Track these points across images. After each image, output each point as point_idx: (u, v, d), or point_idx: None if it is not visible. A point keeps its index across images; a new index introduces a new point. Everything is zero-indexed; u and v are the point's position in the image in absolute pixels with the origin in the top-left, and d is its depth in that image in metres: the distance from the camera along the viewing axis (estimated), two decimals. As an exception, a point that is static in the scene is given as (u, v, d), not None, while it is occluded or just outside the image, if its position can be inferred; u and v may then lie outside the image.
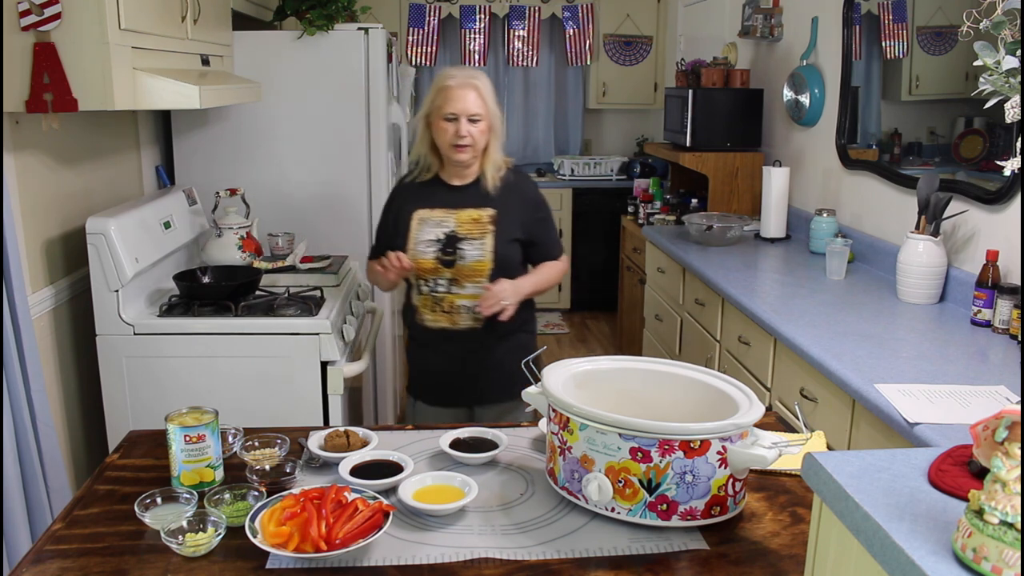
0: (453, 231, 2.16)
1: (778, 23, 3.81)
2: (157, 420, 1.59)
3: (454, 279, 2.17)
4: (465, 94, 2.11)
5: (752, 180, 3.85)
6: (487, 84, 2.17)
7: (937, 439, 1.58)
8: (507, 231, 2.19)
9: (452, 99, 2.11)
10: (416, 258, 2.16)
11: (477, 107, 2.12)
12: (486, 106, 2.14)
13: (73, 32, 2.05)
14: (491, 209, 2.19)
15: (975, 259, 2.43)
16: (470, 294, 2.16)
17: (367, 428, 1.65)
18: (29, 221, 2.32)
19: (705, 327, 3.08)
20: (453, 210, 2.19)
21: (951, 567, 0.78)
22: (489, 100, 2.15)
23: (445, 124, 2.13)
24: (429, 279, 2.19)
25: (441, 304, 2.19)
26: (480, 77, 2.17)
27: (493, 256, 2.16)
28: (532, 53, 5.81)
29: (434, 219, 2.19)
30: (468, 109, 2.11)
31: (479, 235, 2.16)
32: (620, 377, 1.54)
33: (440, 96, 2.14)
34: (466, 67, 2.25)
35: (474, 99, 2.12)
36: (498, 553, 1.26)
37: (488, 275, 2.16)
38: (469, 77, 2.15)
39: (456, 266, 2.15)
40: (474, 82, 2.13)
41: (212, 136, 3.30)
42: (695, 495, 1.29)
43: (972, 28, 1.99)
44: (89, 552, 1.28)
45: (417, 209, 2.21)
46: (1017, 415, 0.85)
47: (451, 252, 2.16)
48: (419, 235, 2.18)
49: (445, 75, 2.16)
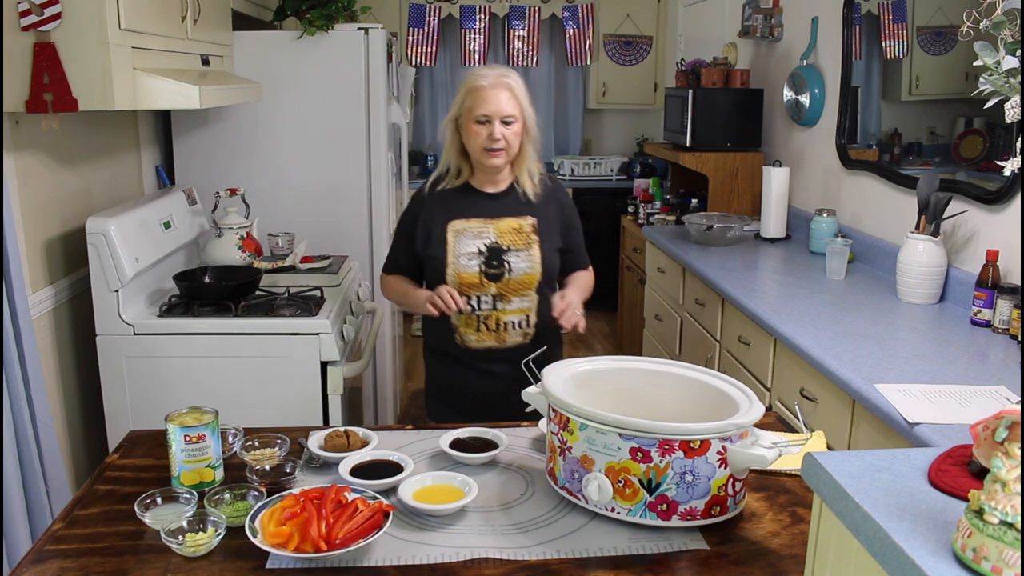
0: (495, 242, 2.03)
1: (778, 23, 3.81)
2: (157, 420, 1.59)
3: (500, 294, 2.03)
4: (498, 94, 1.97)
5: (752, 180, 3.85)
6: (520, 83, 2.04)
7: (937, 439, 1.58)
8: (550, 240, 2.08)
9: (484, 100, 1.97)
10: (458, 273, 2.02)
11: (511, 108, 1.98)
12: (520, 107, 2.01)
13: (73, 32, 2.05)
14: (531, 217, 2.07)
15: (975, 259, 2.43)
16: (517, 309, 2.04)
17: (367, 428, 1.65)
18: (29, 221, 2.32)
19: (705, 327, 3.08)
20: (491, 220, 2.05)
21: (951, 567, 0.78)
22: (523, 100, 2.02)
23: (477, 127, 1.99)
24: (472, 295, 2.03)
25: (487, 322, 2.04)
26: (513, 75, 2.03)
27: (542, 267, 2.04)
28: (532, 53, 5.81)
29: (472, 230, 2.04)
30: (501, 110, 1.97)
31: (524, 245, 2.04)
32: (620, 377, 1.54)
33: (471, 97, 2.00)
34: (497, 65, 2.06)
35: (508, 99, 1.98)
36: (498, 553, 1.26)
37: (536, 287, 2.05)
38: (502, 76, 2.01)
39: (503, 280, 2.02)
40: (507, 81, 2.00)
41: (212, 136, 3.30)
42: (695, 495, 1.29)
43: (972, 28, 1.99)
44: (89, 552, 1.28)
45: (451, 220, 2.05)
46: (1017, 415, 0.85)
47: (497, 265, 2.02)
48: (458, 247, 2.03)
49: (476, 74, 2.02)
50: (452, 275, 2.02)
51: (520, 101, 2.00)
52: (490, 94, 1.98)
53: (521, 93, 2.01)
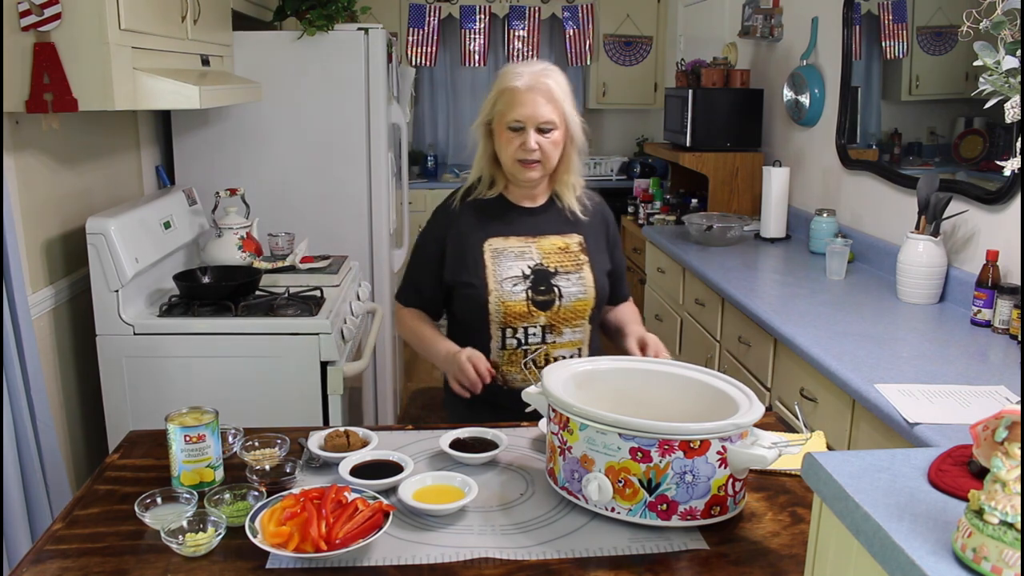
0: (540, 264, 1.77)
1: (778, 23, 3.81)
2: (157, 420, 1.59)
3: (551, 325, 1.76)
4: (534, 97, 1.71)
5: (752, 180, 3.85)
6: (563, 81, 1.76)
7: (937, 439, 1.58)
8: (600, 261, 1.84)
9: (518, 103, 1.71)
10: (503, 301, 1.75)
11: (549, 113, 1.71)
12: (562, 111, 1.73)
13: (73, 32, 2.05)
14: (577, 235, 1.83)
15: (975, 259, 2.43)
16: (568, 341, 1.78)
17: (367, 428, 1.65)
18: (29, 221, 2.32)
19: (705, 327, 3.08)
20: (532, 238, 1.80)
21: (951, 567, 0.78)
22: (565, 103, 1.74)
23: (509, 134, 1.73)
24: (519, 327, 1.76)
25: (535, 358, 1.76)
26: (553, 74, 1.75)
27: (595, 292, 1.79)
28: (532, 53, 5.81)
29: (511, 250, 1.78)
30: (537, 116, 1.71)
31: (573, 267, 1.79)
32: (620, 377, 1.54)
33: (503, 99, 1.74)
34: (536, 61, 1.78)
35: (545, 103, 1.71)
36: (498, 553, 1.26)
37: (589, 316, 1.80)
38: (540, 75, 1.73)
39: (554, 308, 1.76)
40: (546, 81, 1.72)
41: (212, 136, 3.30)
42: (695, 495, 1.29)
43: (972, 28, 1.99)
44: (89, 552, 1.28)
45: (488, 238, 1.79)
46: (1017, 415, 0.85)
47: (545, 291, 1.75)
48: (499, 271, 1.76)
49: (510, 73, 1.75)
50: (497, 304, 1.75)
51: (561, 105, 1.73)
52: (525, 97, 1.71)
53: (562, 94, 1.74)
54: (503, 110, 1.74)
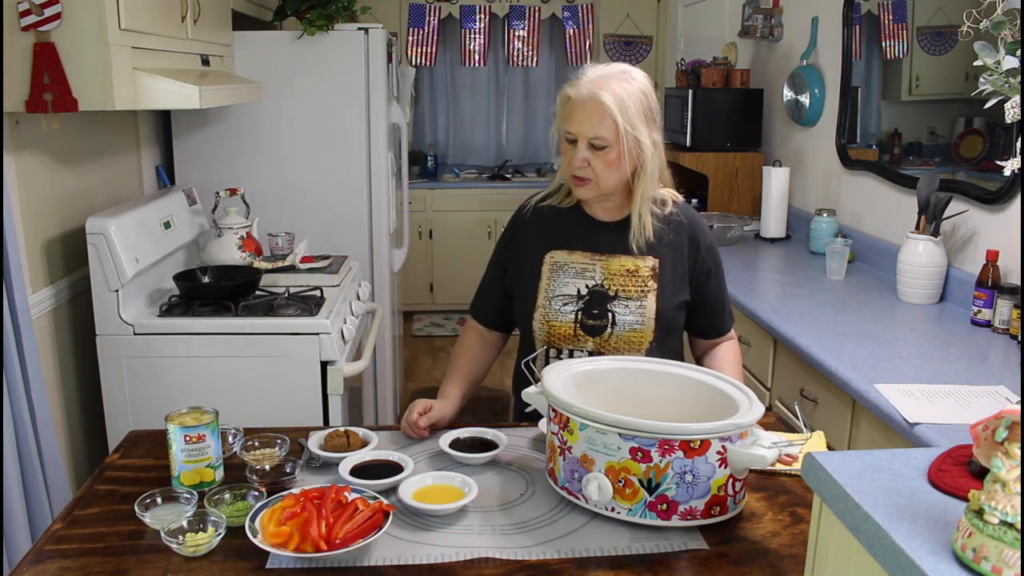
0: (600, 285, 1.65)
1: (778, 23, 3.81)
2: (157, 420, 1.59)
3: (598, 352, 1.65)
4: (586, 110, 1.57)
5: (752, 180, 3.85)
6: (626, 93, 1.56)
7: (937, 439, 1.58)
8: (673, 290, 1.67)
9: (569, 115, 1.60)
10: (548, 320, 1.65)
11: (602, 129, 1.56)
12: (617, 127, 1.55)
13: (73, 32, 2.05)
14: (653, 258, 1.66)
15: (975, 259, 2.43)
16: None
17: (367, 428, 1.65)
18: (29, 221, 2.32)
19: (705, 327, 3.08)
20: (600, 256, 1.67)
21: (951, 567, 0.78)
22: (622, 119, 1.55)
23: (566, 145, 1.62)
24: (563, 348, 1.67)
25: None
26: (615, 86, 1.56)
27: (655, 324, 1.65)
28: (532, 53, 5.81)
29: (574, 266, 1.66)
30: (588, 131, 1.57)
31: (637, 294, 1.64)
32: (620, 377, 1.54)
33: (562, 108, 1.63)
34: (607, 66, 1.62)
35: (598, 118, 1.55)
36: (498, 553, 1.26)
37: (645, 349, 1.66)
38: (598, 86, 1.57)
39: (604, 335, 1.64)
40: (600, 95, 1.55)
41: (212, 136, 3.30)
42: (695, 495, 1.29)
43: (972, 28, 1.99)
44: (89, 552, 1.28)
45: (551, 249, 1.68)
46: (1017, 415, 0.85)
47: (598, 315, 1.64)
48: (553, 286, 1.66)
49: (573, 80, 1.62)
50: (541, 322, 1.66)
51: (617, 120, 1.55)
52: (577, 109, 1.58)
53: (621, 109, 1.55)
54: (562, 119, 1.63)
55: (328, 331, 2.41)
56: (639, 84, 1.61)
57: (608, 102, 1.55)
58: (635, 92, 1.59)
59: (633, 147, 1.59)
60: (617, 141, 1.57)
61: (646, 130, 1.60)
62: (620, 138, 1.57)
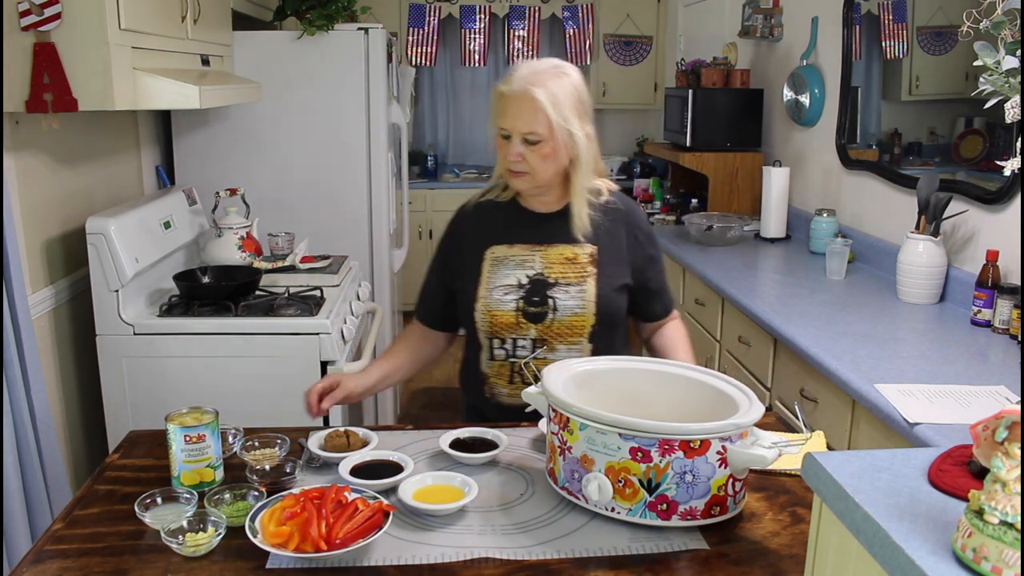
0: (540, 274, 1.69)
1: (778, 23, 3.81)
2: (157, 420, 1.59)
3: (542, 339, 1.68)
4: (519, 105, 1.59)
5: (752, 180, 3.85)
6: (559, 89, 1.59)
7: (937, 439, 1.58)
8: (612, 274, 1.71)
9: (504, 112, 1.62)
10: (490, 310, 1.69)
11: (535, 124, 1.59)
12: (549, 123, 1.58)
13: (73, 32, 2.05)
14: (591, 245, 1.71)
15: (975, 259, 2.43)
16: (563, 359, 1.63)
17: (367, 428, 1.65)
18: (29, 221, 2.32)
19: (705, 327, 3.08)
20: (539, 246, 1.71)
21: (951, 567, 0.78)
22: (555, 114, 1.58)
23: (501, 140, 1.65)
24: (507, 338, 1.70)
25: (522, 373, 1.70)
26: (547, 82, 1.59)
27: (596, 307, 1.68)
28: (532, 53, 5.81)
29: (514, 258, 1.71)
30: (522, 127, 1.60)
31: (576, 280, 1.68)
32: (620, 377, 1.54)
33: (495, 103, 1.65)
34: (540, 61, 1.65)
35: (532, 113, 1.58)
36: (498, 553, 1.26)
37: (588, 334, 1.69)
38: (531, 82, 1.59)
39: (546, 321, 1.68)
40: (532, 92, 1.58)
41: (212, 136, 3.30)
42: (695, 495, 1.29)
43: (972, 28, 1.99)
44: (89, 552, 1.28)
45: (491, 245, 1.72)
46: (1017, 415, 0.85)
47: (539, 302, 1.67)
48: (494, 279, 1.70)
49: (508, 74, 1.64)
50: (482, 312, 1.69)
51: (549, 115, 1.58)
52: (510, 104, 1.61)
53: (554, 104, 1.58)
54: (496, 115, 1.66)
55: (328, 331, 2.41)
56: (571, 79, 1.63)
57: (541, 98, 1.58)
58: (567, 87, 1.61)
59: (567, 140, 1.62)
60: (551, 135, 1.60)
61: (579, 123, 1.62)
62: (554, 132, 1.60)
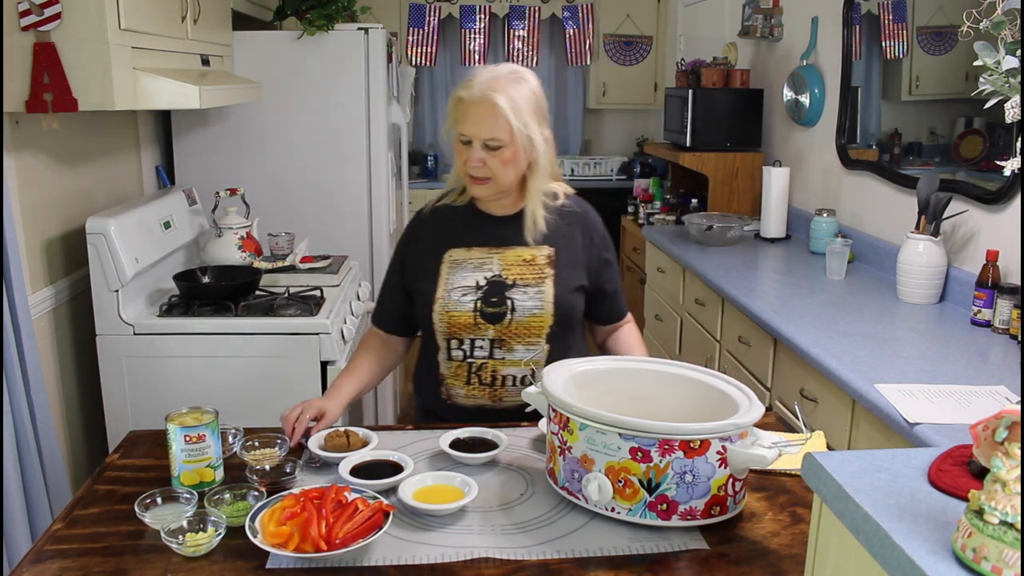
0: (498, 275, 1.69)
1: (778, 23, 3.81)
2: (157, 420, 1.59)
3: (500, 339, 1.68)
4: (479, 111, 1.59)
5: (752, 180, 3.85)
6: (518, 94, 1.60)
7: (937, 439, 1.58)
8: (569, 275, 1.72)
9: (463, 117, 1.62)
10: (447, 311, 1.68)
11: (495, 130, 1.59)
12: (511, 128, 1.59)
13: (73, 32, 2.05)
14: (548, 247, 1.72)
15: (975, 259, 2.43)
16: (520, 360, 1.69)
17: (367, 428, 1.65)
18: (29, 221, 2.32)
19: (705, 327, 3.08)
20: (496, 248, 1.71)
21: (951, 567, 0.78)
22: (515, 120, 1.59)
23: (460, 146, 1.65)
24: (465, 339, 1.69)
25: (479, 374, 1.70)
26: (507, 87, 1.60)
27: (554, 308, 1.68)
28: (532, 53, 5.81)
29: (472, 260, 1.71)
30: (483, 132, 1.60)
31: (535, 281, 1.69)
32: (620, 377, 1.54)
33: (454, 109, 1.65)
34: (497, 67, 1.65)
35: (494, 119, 1.58)
36: (498, 553, 1.26)
37: (546, 335, 1.69)
38: (490, 88, 1.59)
39: (504, 322, 1.67)
40: (493, 97, 1.58)
41: (212, 136, 3.30)
42: (695, 495, 1.29)
43: (972, 28, 1.99)
44: (89, 552, 1.28)
45: (449, 248, 1.72)
46: (1017, 415, 0.85)
47: (497, 303, 1.67)
48: (452, 280, 1.69)
49: (467, 79, 1.65)
50: (440, 313, 1.69)
51: (510, 121, 1.59)
52: (470, 110, 1.61)
53: (514, 110, 1.59)
54: (454, 120, 1.65)
55: (328, 331, 2.41)
56: (530, 84, 1.65)
57: (501, 103, 1.58)
58: (526, 92, 1.63)
59: (527, 145, 1.63)
60: (512, 141, 1.61)
61: (538, 127, 1.64)
62: (514, 138, 1.61)
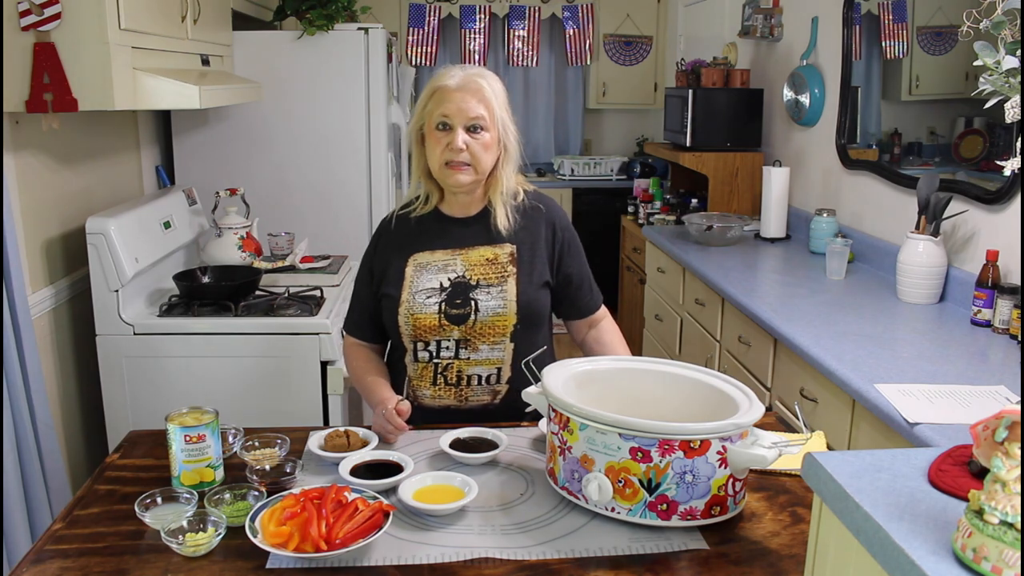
0: (462, 276, 1.70)
1: (778, 23, 3.81)
2: (157, 420, 1.59)
3: (465, 339, 1.69)
4: (464, 95, 1.63)
5: (752, 180, 3.85)
6: (498, 86, 1.68)
7: (937, 439, 1.58)
8: (532, 272, 1.73)
9: (447, 100, 1.64)
10: (412, 314, 1.70)
11: (481, 109, 1.64)
12: (492, 113, 1.65)
13: (73, 32, 2.05)
14: (510, 245, 1.73)
15: (975, 259, 2.43)
16: (485, 359, 1.70)
17: (367, 428, 1.65)
18: (29, 221, 2.32)
19: (705, 327, 3.08)
20: (460, 250, 1.73)
21: (951, 567, 0.78)
22: (498, 106, 1.66)
23: (438, 135, 1.65)
24: (430, 340, 1.70)
25: (446, 375, 1.71)
26: (487, 76, 1.68)
27: (517, 306, 1.69)
28: (532, 53, 5.81)
29: (436, 263, 1.72)
30: (467, 111, 1.63)
31: (497, 280, 1.70)
32: (620, 377, 1.54)
33: (433, 99, 1.66)
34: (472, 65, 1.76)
35: (478, 100, 1.63)
36: (498, 553, 1.26)
37: (510, 333, 1.70)
38: (474, 75, 1.66)
39: (468, 322, 1.68)
40: (478, 81, 1.65)
41: (212, 136, 3.30)
42: (695, 495, 1.29)
43: (972, 28, 1.99)
44: (89, 552, 1.28)
45: (413, 253, 1.74)
46: (1017, 415, 0.85)
47: (461, 304, 1.68)
48: (416, 283, 1.71)
49: (441, 73, 1.68)
50: (405, 316, 1.70)
51: (492, 106, 1.65)
52: (455, 94, 1.63)
53: (496, 97, 1.66)
54: (432, 109, 1.66)
55: (328, 331, 2.41)
56: (500, 83, 1.72)
57: (487, 89, 1.66)
58: (500, 86, 1.70)
59: (503, 133, 1.69)
60: (492, 124, 1.66)
61: (509, 121, 1.70)
62: (495, 121, 1.66)
